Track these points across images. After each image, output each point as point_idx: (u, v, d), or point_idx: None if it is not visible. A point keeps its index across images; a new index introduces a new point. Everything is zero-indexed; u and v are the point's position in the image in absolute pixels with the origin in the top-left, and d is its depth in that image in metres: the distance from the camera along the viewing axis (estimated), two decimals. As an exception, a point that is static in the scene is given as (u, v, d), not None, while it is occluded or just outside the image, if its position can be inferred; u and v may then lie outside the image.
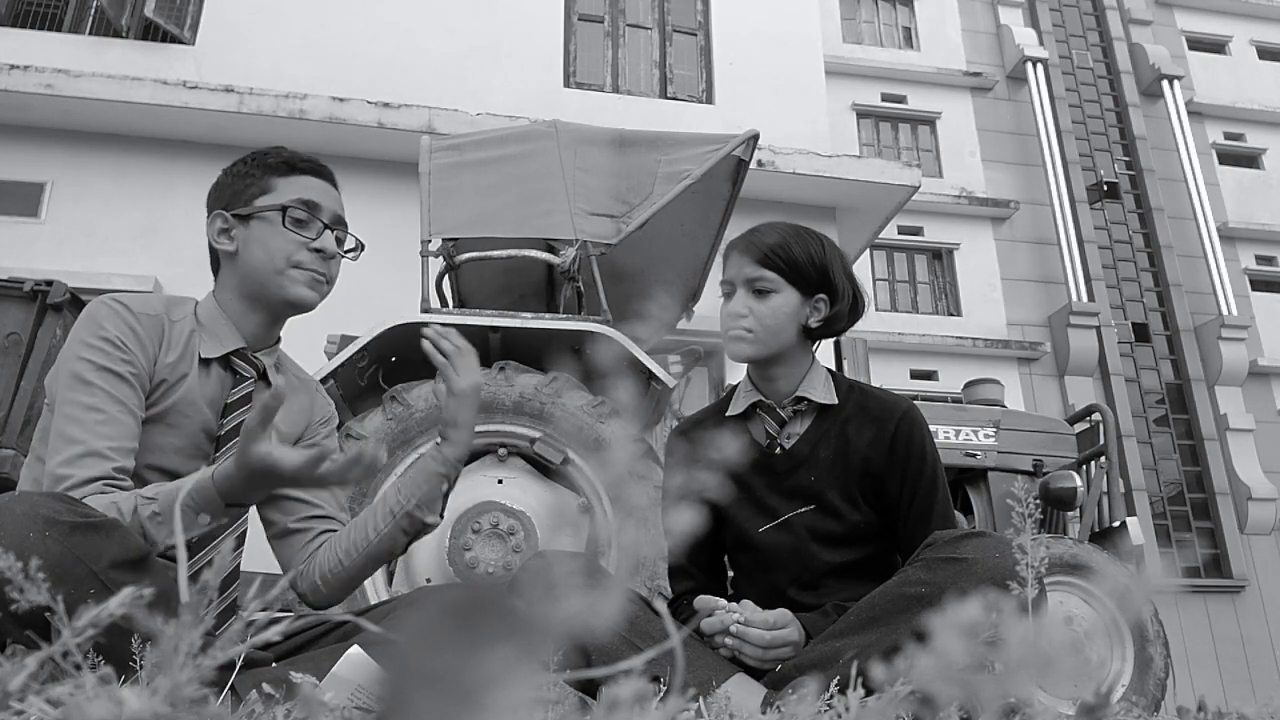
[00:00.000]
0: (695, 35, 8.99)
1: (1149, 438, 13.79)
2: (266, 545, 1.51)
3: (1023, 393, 12.99)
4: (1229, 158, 15.89)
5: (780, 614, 1.44)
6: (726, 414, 1.69)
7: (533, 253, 3.71)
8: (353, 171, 7.18)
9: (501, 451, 3.19)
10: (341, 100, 7.26)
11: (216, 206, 1.45)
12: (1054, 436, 4.35)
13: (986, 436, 4.21)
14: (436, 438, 1.48)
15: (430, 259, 3.69)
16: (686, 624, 1.51)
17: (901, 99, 14.60)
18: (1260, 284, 15.11)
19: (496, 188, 3.70)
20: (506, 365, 3.20)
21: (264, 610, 0.46)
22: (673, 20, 9.02)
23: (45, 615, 0.47)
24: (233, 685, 1.03)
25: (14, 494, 1.08)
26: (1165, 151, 15.21)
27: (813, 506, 1.59)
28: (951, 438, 4.16)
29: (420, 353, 3.87)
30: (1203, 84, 16.07)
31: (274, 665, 1.23)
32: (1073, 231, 14.07)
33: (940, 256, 14.16)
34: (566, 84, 8.49)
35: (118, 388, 1.28)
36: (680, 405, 4.44)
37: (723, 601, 1.46)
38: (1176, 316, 14.43)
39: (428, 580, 3.04)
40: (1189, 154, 14.85)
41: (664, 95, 8.71)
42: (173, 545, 1.14)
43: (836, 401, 1.63)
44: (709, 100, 8.71)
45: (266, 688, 0.96)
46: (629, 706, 0.36)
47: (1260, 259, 15.22)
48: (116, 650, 0.93)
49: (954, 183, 14.16)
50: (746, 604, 1.46)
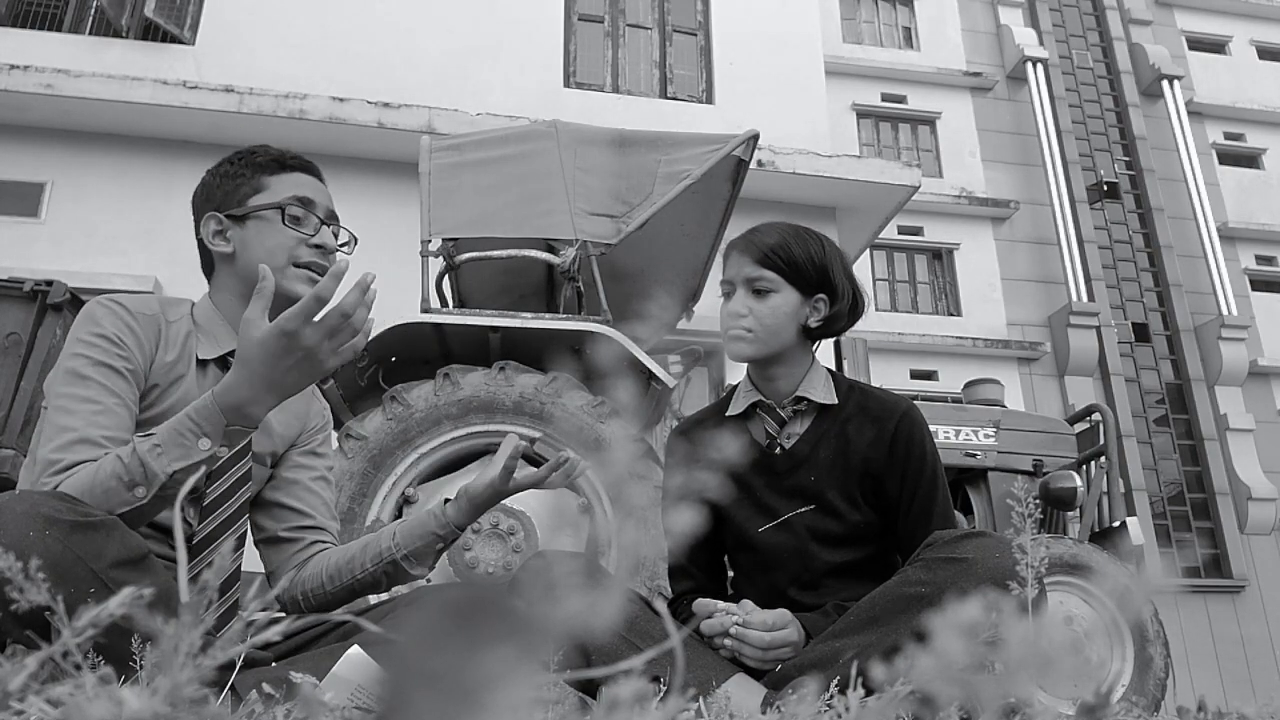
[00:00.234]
0: (695, 35, 9.00)
1: (1149, 438, 13.79)
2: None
3: (1023, 393, 12.99)
4: (1229, 158, 15.89)
5: (780, 614, 1.44)
6: (726, 414, 1.69)
7: (533, 253, 3.71)
8: (353, 171, 7.20)
9: (501, 451, 3.19)
10: (341, 100, 7.26)
11: (207, 208, 1.44)
12: (1054, 436, 4.35)
13: (986, 436, 4.22)
14: (445, 498, 1.47)
15: (430, 259, 3.70)
16: (686, 625, 1.51)
17: (901, 99, 14.60)
18: (1260, 284, 15.11)
19: (496, 188, 3.70)
20: (506, 365, 3.20)
21: (264, 610, 0.46)
22: (673, 20, 9.02)
23: (45, 615, 0.47)
24: (233, 685, 1.03)
25: (14, 493, 1.07)
26: (1165, 151, 15.21)
27: (813, 506, 1.59)
28: (951, 438, 4.16)
29: (420, 352, 3.86)
30: (1203, 84, 16.06)
31: (274, 665, 1.23)
32: (1073, 231, 14.07)
33: (940, 256, 14.16)
34: (566, 84, 8.49)
35: (114, 381, 1.28)
36: (680, 405, 4.45)
37: (721, 603, 1.46)
38: (1176, 316, 14.43)
39: (428, 580, 3.03)
40: (1189, 154, 14.84)
41: (664, 95, 8.71)
42: (177, 472, 1.12)
43: (836, 401, 1.63)
44: (709, 100, 8.71)
45: (266, 688, 0.96)
46: (629, 706, 0.36)
47: (1260, 259, 15.22)
48: (116, 650, 0.93)
49: (954, 183, 14.16)
50: (746, 604, 1.46)
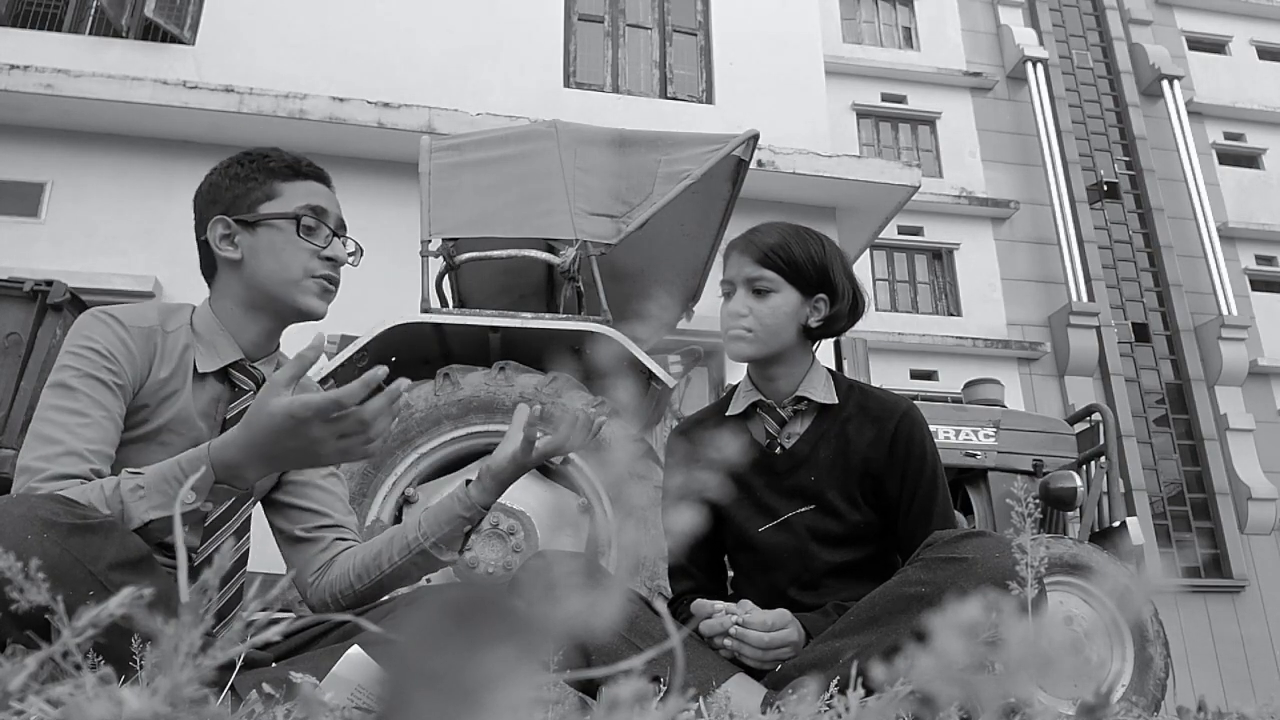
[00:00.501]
0: (695, 35, 8.99)
1: (1149, 438, 13.79)
2: (263, 545, 1.50)
3: (1023, 393, 12.99)
4: (1229, 158, 15.89)
5: (779, 614, 1.44)
6: (726, 414, 1.69)
7: (533, 253, 3.71)
8: (353, 171, 7.19)
9: (501, 451, 3.19)
10: (341, 100, 7.26)
11: (215, 210, 1.39)
12: (1054, 436, 4.35)
13: (986, 436, 4.22)
14: (466, 478, 1.45)
15: (430, 259, 3.70)
16: (686, 625, 1.51)
17: (901, 99, 14.60)
18: (1260, 284, 15.10)
19: (496, 188, 3.70)
20: (506, 365, 3.20)
21: (264, 610, 0.46)
22: (673, 20, 9.02)
23: (45, 616, 0.47)
24: (233, 685, 1.03)
25: (11, 496, 1.06)
26: (1165, 151, 15.21)
27: (813, 506, 1.59)
28: (951, 438, 4.16)
29: (420, 352, 3.85)
30: (1203, 84, 16.07)
31: (274, 665, 1.23)
32: (1073, 231, 14.07)
33: (940, 256, 14.16)
34: (566, 84, 8.49)
35: (101, 394, 1.25)
36: (680, 405, 4.44)
37: (720, 604, 1.46)
38: (1176, 316, 14.43)
39: (428, 580, 3.04)
40: (1189, 154, 14.84)
41: (664, 95, 8.71)
42: (149, 523, 1.10)
43: (836, 401, 1.63)
44: (709, 100, 8.71)
45: (266, 688, 0.96)
46: (629, 706, 0.36)
47: (1260, 259, 15.22)
48: (116, 651, 0.92)
49: (954, 183, 14.16)
50: (745, 603, 1.46)
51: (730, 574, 1.75)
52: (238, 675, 1.06)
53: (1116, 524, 4.08)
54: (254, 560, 1.42)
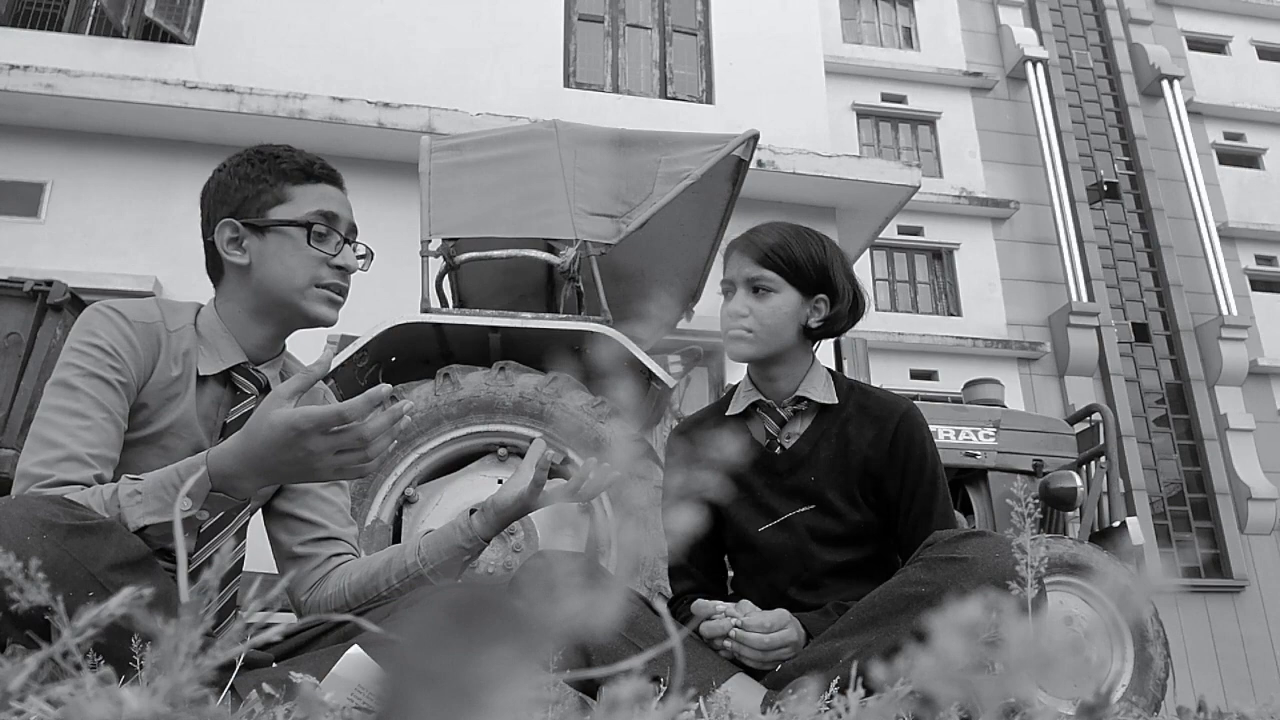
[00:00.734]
0: (695, 35, 8.99)
1: (1149, 438, 13.79)
2: (263, 545, 1.49)
3: (1023, 393, 12.99)
4: (1229, 158, 15.89)
5: (779, 614, 1.44)
6: (726, 414, 1.69)
7: (533, 253, 3.71)
8: (353, 171, 7.15)
9: (501, 451, 3.19)
10: (341, 100, 7.26)
11: (223, 211, 1.35)
12: (1054, 436, 4.35)
13: (986, 436, 4.22)
14: (470, 508, 1.43)
15: (430, 259, 3.70)
16: (686, 625, 1.51)
17: (901, 99, 14.61)
18: (1260, 284, 15.11)
19: (496, 188, 3.70)
20: (506, 365, 3.21)
21: (264, 610, 0.46)
22: (673, 20, 9.02)
23: (45, 617, 0.47)
24: (233, 685, 1.03)
25: (10, 498, 1.06)
26: (1165, 151, 15.21)
27: (813, 506, 1.58)
28: (951, 438, 4.16)
29: (420, 352, 3.85)
30: (1203, 84, 16.07)
31: (274, 665, 1.23)
32: (1073, 231, 14.07)
33: (940, 256, 14.16)
34: (566, 84, 8.49)
35: (104, 394, 1.23)
36: (680, 405, 4.45)
37: (720, 604, 1.46)
38: (1176, 316, 14.44)
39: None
40: (1189, 154, 14.85)
41: (664, 95, 8.71)
42: (145, 528, 1.09)
43: (837, 401, 1.63)
44: (709, 100, 8.71)
45: (266, 688, 0.96)
46: (629, 706, 0.36)
47: (1260, 259, 15.22)
48: (116, 651, 0.92)
49: (954, 183, 14.16)
50: (745, 604, 1.46)
51: (730, 574, 1.75)
52: (238, 675, 1.06)
53: (1116, 524, 4.09)
54: (251, 563, 1.42)
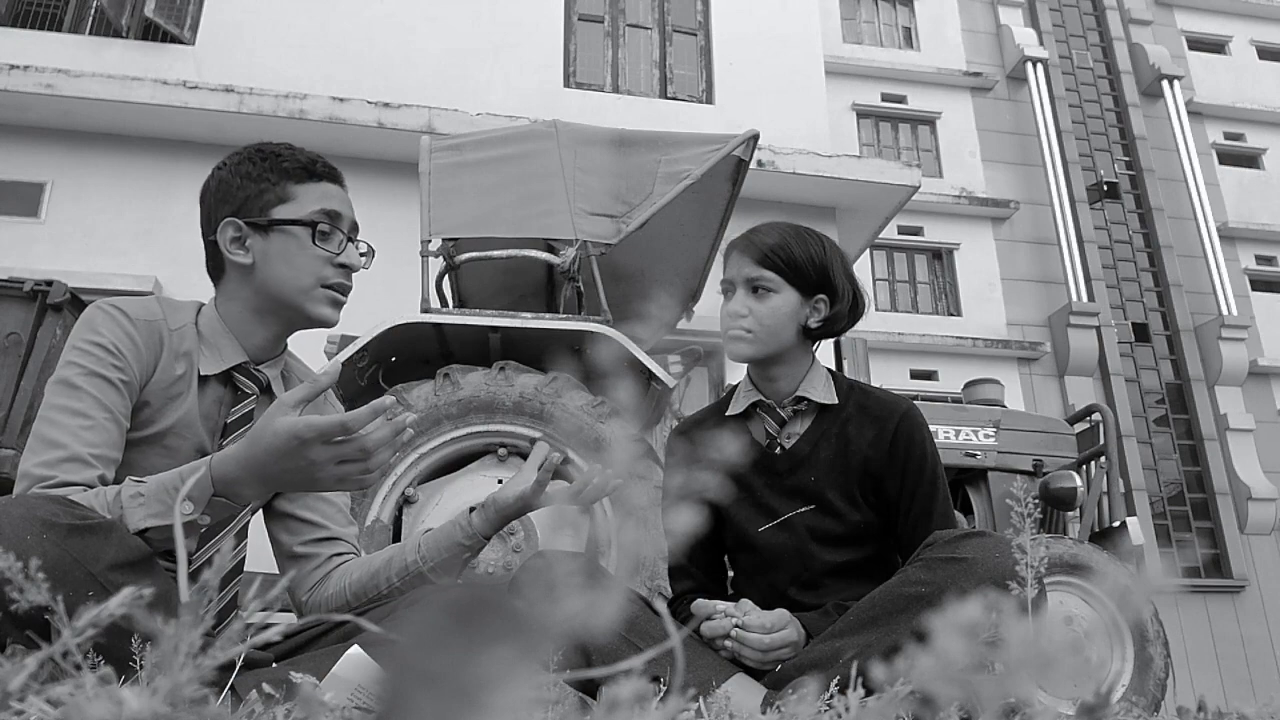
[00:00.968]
0: (695, 35, 8.99)
1: (1149, 438, 13.79)
2: (263, 545, 1.49)
3: (1023, 393, 12.99)
4: (1229, 158, 15.89)
5: (779, 614, 1.44)
6: (726, 414, 1.69)
7: (533, 253, 3.71)
8: (353, 171, 7.14)
9: (501, 451, 3.19)
10: (341, 100, 7.26)
11: (225, 210, 1.34)
12: (1054, 436, 4.35)
13: (986, 436, 4.22)
14: (469, 505, 1.43)
15: (430, 259, 3.70)
16: (686, 625, 1.51)
17: (901, 99, 14.61)
18: (1260, 284, 15.11)
19: (496, 188, 3.70)
20: (506, 365, 3.20)
21: (264, 610, 0.46)
22: (673, 20, 9.02)
23: (45, 617, 0.47)
24: (233, 685, 1.03)
25: (10, 498, 1.05)
26: (1165, 151, 15.21)
27: (813, 506, 1.58)
28: (951, 438, 4.16)
29: (420, 352, 3.84)
30: (1203, 84, 16.07)
31: (274, 665, 1.22)
32: (1073, 231, 14.07)
33: (940, 256, 14.16)
34: (566, 84, 8.49)
35: (106, 394, 1.22)
36: (680, 405, 4.44)
37: (720, 604, 1.46)
38: (1176, 316, 14.43)
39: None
40: (1189, 154, 14.84)
41: (664, 95, 8.71)
42: (145, 530, 1.09)
43: (837, 401, 1.63)
44: (709, 100, 8.71)
45: (266, 688, 0.96)
46: (629, 706, 0.36)
47: (1260, 259, 15.22)
48: (116, 651, 0.92)
49: (954, 183, 14.16)
50: (745, 603, 1.46)
51: (730, 574, 1.75)
52: (238, 675, 1.05)
53: (1116, 524, 4.09)
54: (252, 563, 1.42)
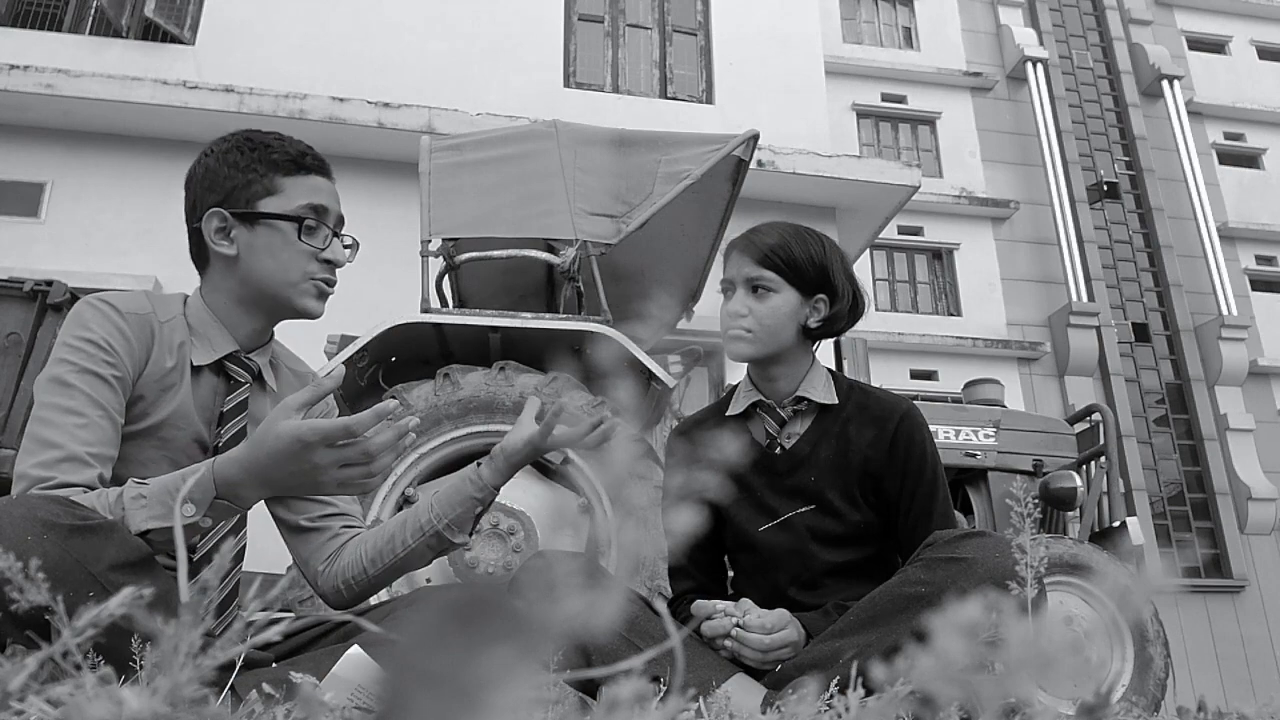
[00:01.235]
0: (695, 35, 8.99)
1: (1149, 438, 13.79)
2: (264, 545, 1.49)
3: (1023, 393, 12.99)
4: (1229, 158, 15.89)
5: (779, 614, 1.44)
6: (726, 414, 1.69)
7: (533, 253, 3.71)
8: (353, 171, 7.19)
9: (501, 451, 3.19)
10: (341, 100, 7.26)
11: (211, 199, 1.33)
12: (1054, 436, 4.35)
13: (986, 436, 4.22)
14: (475, 461, 1.44)
15: (430, 259, 3.70)
16: (686, 625, 1.51)
17: (901, 99, 14.61)
18: (1260, 284, 15.11)
19: (496, 188, 3.70)
20: (506, 365, 3.20)
21: (264, 610, 0.46)
22: (673, 20, 9.02)
23: (45, 617, 0.47)
24: (233, 685, 1.03)
25: (11, 498, 1.05)
26: (1165, 151, 15.21)
27: (813, 506, 1.59)
28: (951, 438, 4.16)
29: (420, 352, 3.84)
30: (1203, 84, 16.07)
31: (274, 665, 1.22)
32: (1073, 231, 14.07)
33: (940, 256, 14.16)
34: (566, 84, 8.49)
35: (99, 391, 1.22)
36: (680, 405, 4.44)
37: (720, 603, 1.46)
38: (1176, 316, 14.43)
39: (428, 580, 3.04)
40: (1189, 154, 14.84)
41: (664, 95, 8.71)
42: (147, 531, 1.09)
43: (837, 401, 1.63)
44: (709, 100, 8.71)
45: (266, 688, 0.96)
46: (629, 706, 0.36)
47: (1260, 259, 15.22)
48: (116, 651, 0.92)
49: (954, 183, 14.16)
50: (745, 603, 1.46)
51: (730, 574, 1.75)
52: (238, 675, 1.06)
53: (1116, 524, 4.09)
54: (253, 559, 1.41)
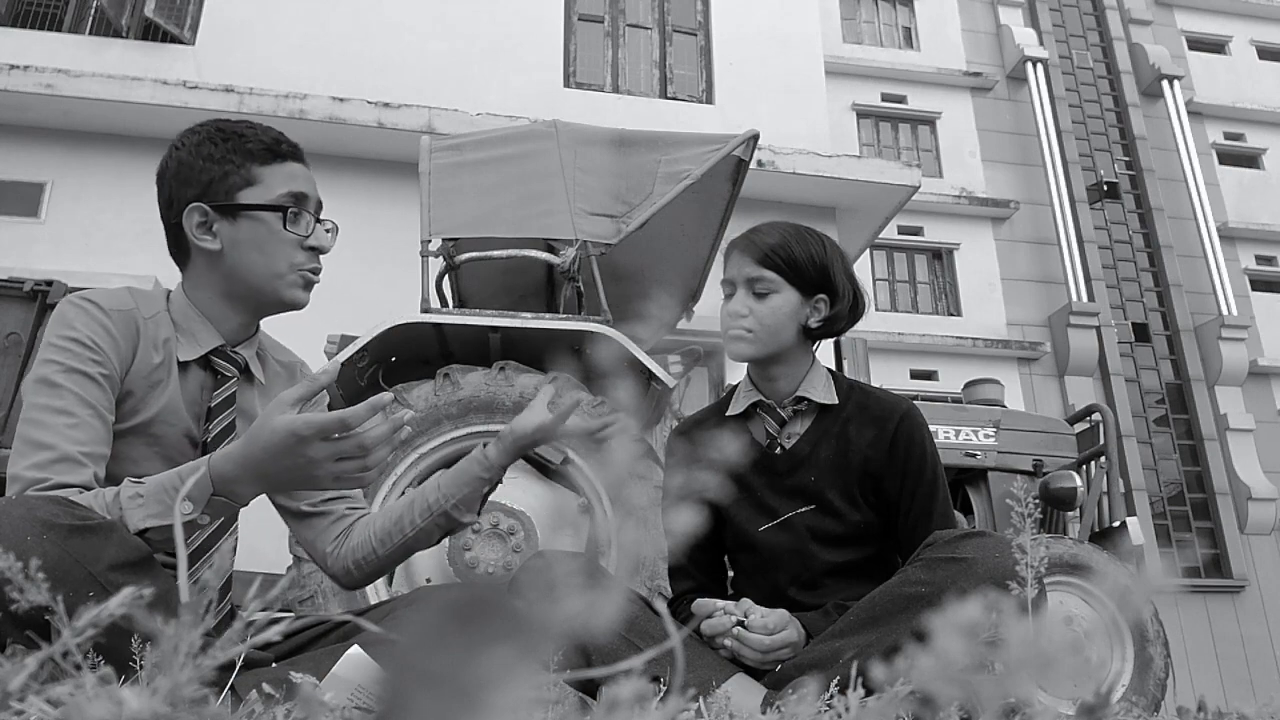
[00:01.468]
0: (695, 35, 8.99)
1: (1149, 438, 13.79)
2: (261, 545, 1.49)
3: (1023, 393, 12.99)
4: (1229, 158, 15.89)
5: (779, 614, 1.44)
6: (727, 414, 1.69)
7: (533, 253, 3.71)
8: (353, 171, 7.20)
9: (501, 451, 3.18)
10: (341, 100, 7.26)
11: (188, 194, 1.32)
12: (1054, 436, 4.35)
13: (986, 436, 4.21)
14: (482, 442, 1.45)
15: (430, 259, 3.69)
16: (686, 625, 1.51)
17: (901, 99, 14.61)
18: (1260, 284, 15.11)
19: (496, 188, 3.70)
20: (506, 365, 3.20)
21: (264, 610, 0.46)
22: (673, 20, 9.02)
23: (45, 617, 0.47)
24: (233, 685, 1.03)
25: (10, 498, 1.05)
26: (1165, 151, 15.21)
27: (813, 506, 1.59)
28: (951, 438, 4.16)
29: (420, 352, 3.84)
30: (1203, 84, 16.07)
31: (274, 665, 1.22)
32: (1073, 231, 14.07)
33: (940, 256, 14.16)
34: (566, 84, 8.49)
35: (88, 390, 1.21)
36: (680, 405, 4.44)
37: (721, 602, 1.46)
38: (1176, 316, 14.44)
39: (428, 580, 3.04)
40: (1189, 154, 14.85)
41: (664, 95, 8.71)
42: (144, 531, 1.09)
43: (837, 401, 1.63)
44: (709, 100, 8.71)
45: (266, 688, 0.96)
46: (629, 706, 0.36)
47: (1260, 259, 15.22)
48: (116, 651, 0.92)
49: (954, 183, 14.16)
50: (745, 602, 1.46)
51: (730, 574, 1.75)
52: (238, 675, 1.05)
53: (1116, 524, 4.08)
54: (253, 560, 1.41)
